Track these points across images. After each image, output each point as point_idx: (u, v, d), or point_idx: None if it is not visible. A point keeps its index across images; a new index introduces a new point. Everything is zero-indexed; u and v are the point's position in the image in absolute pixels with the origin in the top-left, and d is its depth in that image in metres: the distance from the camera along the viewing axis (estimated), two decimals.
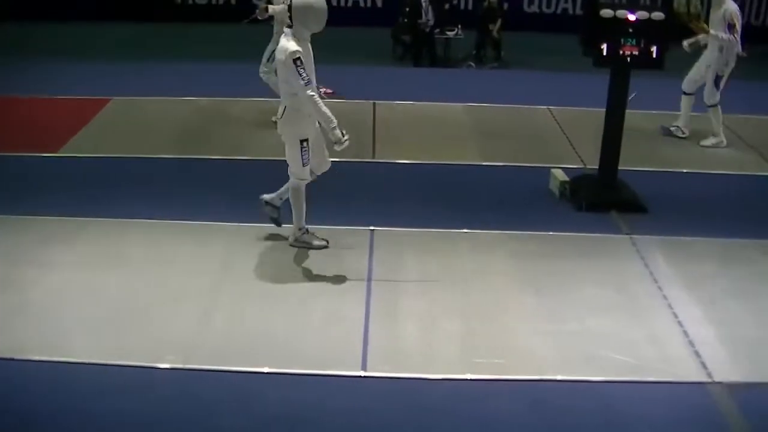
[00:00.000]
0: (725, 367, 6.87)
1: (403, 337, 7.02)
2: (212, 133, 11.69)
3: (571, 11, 20.43)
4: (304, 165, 8.05)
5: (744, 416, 6.31)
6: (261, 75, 11.79)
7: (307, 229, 8.42)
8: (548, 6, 20.53)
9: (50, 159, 10.45)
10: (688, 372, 6.80)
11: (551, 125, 12.57)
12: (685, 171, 11.13)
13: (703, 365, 6.88)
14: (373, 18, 19.52)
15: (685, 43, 11.84)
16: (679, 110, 12.17)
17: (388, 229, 8.71)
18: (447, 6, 18.40)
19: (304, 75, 7.63)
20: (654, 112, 13.02)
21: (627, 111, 9.71)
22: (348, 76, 14.44)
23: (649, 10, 9.23)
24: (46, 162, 10.37)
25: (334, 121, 7.80)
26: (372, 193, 9.69)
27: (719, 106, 11.77)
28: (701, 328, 7.39)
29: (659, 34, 9.31)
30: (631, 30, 9.18)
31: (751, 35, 15.86)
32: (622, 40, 9.21)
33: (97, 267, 7.83)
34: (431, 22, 16.94)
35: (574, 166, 10.74)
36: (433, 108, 12.91)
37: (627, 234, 9.06)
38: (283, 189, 8.40)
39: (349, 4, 20.25)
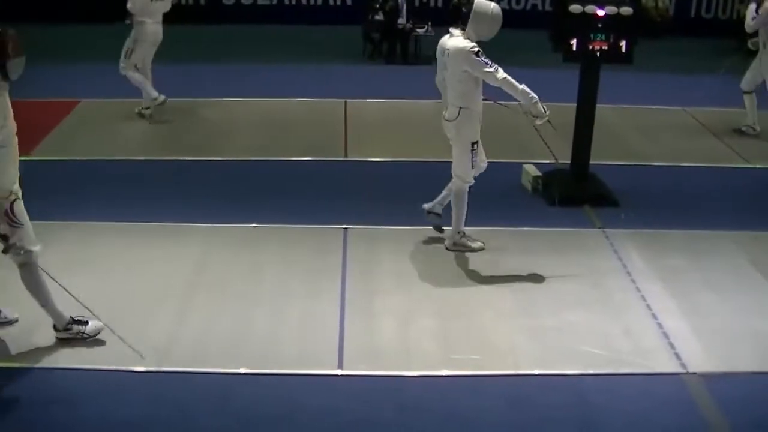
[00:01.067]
0: (699, 357, 6.92)
1: (380, 334, 7.02)
2: (181, 134, 11.65)
3: (540, 7, 20.48)
4: (472, 167, 8.23)
5: (718, 405, 6.36)
6: (121, 71, 11.82)
7: (464, 233, 8.42)
8: (517, 2, 20.55)
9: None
10: (663, 363, 6.85)
11: (522, 120, 12.52)
12: (656, 164, 11.20)
13: (678, 356, 6.92)
14: (344, 16, 19.50)
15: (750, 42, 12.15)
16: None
17: (362, 227, 8.71)
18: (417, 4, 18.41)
19: (489, 62, 7.97)
20: (624, 106, 13.10)
21: (597, 105, 9.76)
22: (318, 74, 14.46)
23: (618, 5, 9.28)
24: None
25: (535, 96, 8.08)
26: (345, 192, 9.68)
27: None
28: (675, 320, 7.44)
29: (628, 29, 9.37)
30: (600, 25, 9.24)
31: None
32: (592, 36, 9.27)
33: (69, 270, 7.77)
34: (403, 20, 16.91)
35: (546, 161, 10.73)
36: (406, 105, 12.92)
37: (600, 228, 9.11)
38: (444, 194, 8.50)
39: (319, 2, 20.18)
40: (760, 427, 6.18)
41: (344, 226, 8.69)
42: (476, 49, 7.93)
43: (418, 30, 17.07)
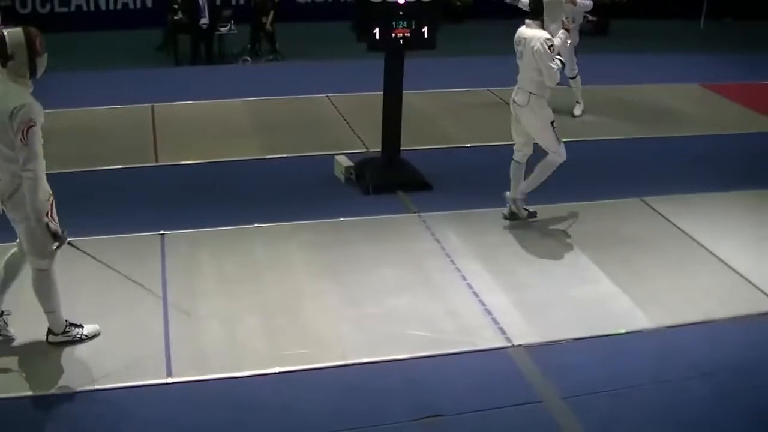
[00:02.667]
0: (522, 330, 7.13)
1: (207, 338, 6.94)
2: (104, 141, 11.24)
3: None
4: (559, 142, 8.71)
5: (544, 374, 6.59)
6: None
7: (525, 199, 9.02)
8: None
9: None
10: (489, 339, 7.02)
11: (331, 113, 12.66)
12: (466, 146, 11.44)
13: (502, 331, 7.11)
14: (145, 19, 19.08)
15: None
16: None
17: (179, 232, 8.56)
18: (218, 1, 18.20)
19: (556, 59, 8.37)
20: (431, 91, 13.33)
21: (404, 92, 9.88)
22: (123, 80, 14.12)
23: None
24: None
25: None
26: (158, 198, 9.50)
27: None
28: (496, 296, 7.63)
29: (429, 15, 9.51)
30: (401, 13, 9.35)
31: None
32: (394, 23, 9.36)
33: None
34: (207, 20, 16.66)
35: (357, 151, 10.85)
36: (213, 106, 12.77)
37: (415, 212, 9.24)
38: (513, 182, 8.98)
39: (119, 6, 19.65)
40: (581, 390, 6.41)
41: (161, 232, 8.53)
42: (551, 42, 8.34)
43: (221, 29, 16.91)
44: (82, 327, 6.90)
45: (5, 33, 6.19)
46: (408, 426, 6.02)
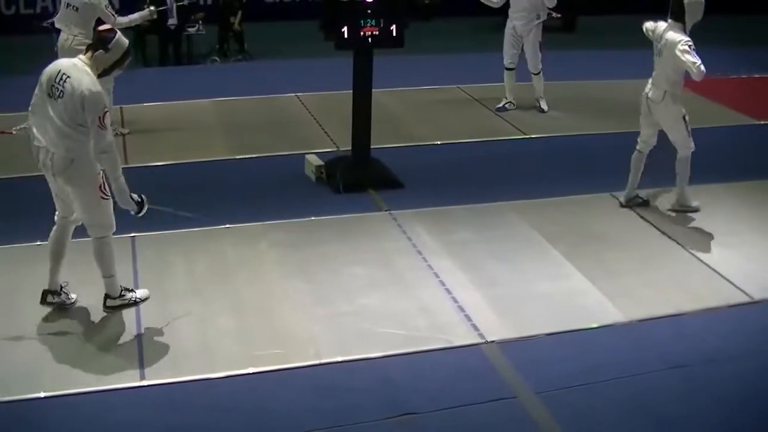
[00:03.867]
0: (495, 326, 7.15)
1: (179, 340, 6.90)
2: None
3: None
4: (689, 135, 9.07)
5: (517, 369, 6.61)
6: None
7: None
8: None
9: None
10: (462, 336, 7.03)
11: (301, 112, 12.64)
12: (436, 143, 11.46)
13: (475, 327, 7.12)
14: None
15: None
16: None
17: (149, 234, 8.51)
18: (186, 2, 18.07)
19: (696, 55, 8.74)
20: (400, 89, 13.34)
21: (374, 90, 9.88)
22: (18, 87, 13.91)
23: None
24: None
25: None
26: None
27: None
28: (468, 292, 7.64)
29: (397, 13, 9.51)
30: (369, 11, 9.34)
31: None
32: (362, 22, 9.35)
33: None
34: (175, 21, 16.56)
35: (328, 150, 10.85)
36: (182, 107, 12.72)
37: (386, 210, 9.24)
38: (631, 179, 9.41)
39: None
40: (555, 385, 6.44)
41: (131, 234, 8.48)
42: (691, 42, 8.79)
43: (189, 29, 16.84)
44: (135, 291, 7.38)
45: (118, 33, 6.88)
46: (382, 424, 6.02)
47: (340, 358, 6.70)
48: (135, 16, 11.39)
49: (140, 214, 7.07)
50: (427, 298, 7.57)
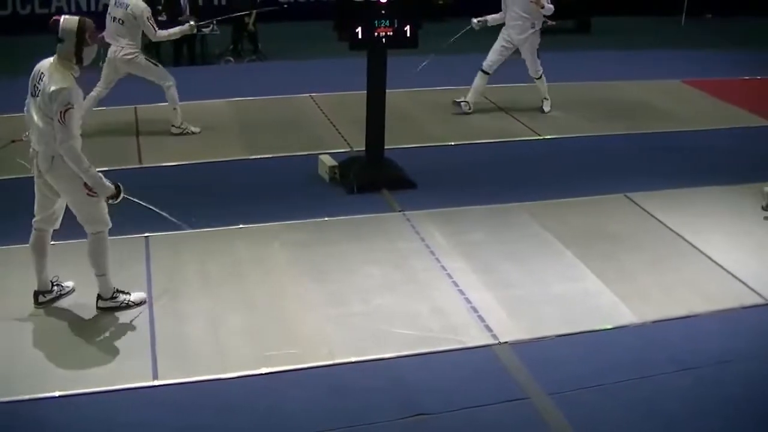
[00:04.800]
0: (508, 327, 7.15)
1: (192, 340, 6.92)
2: None
3: None
4: None
5: (529, 370, 6.61)
6: None
7: None
8: None
9: None
10: (475, 337, 7.03)
11: (315, 112, 12.66)
12: (450, 144, 11.47)
13: (488, 328, 7.13)
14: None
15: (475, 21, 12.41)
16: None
17: (163, 234, 8.53)
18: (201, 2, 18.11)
19: None
20: (414, 89, 13.34)
21: (388, 91, 9.89)
22: None
23: None
24: None
25: None
26: (142, 200, 9.45)
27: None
28: (481, 293, 7.64)
29: (411, 13, 9.52)
30: (383, 11, 9.35)
31: None
32: (376, 22, 9.37)
33: None
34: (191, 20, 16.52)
35: (342, 150, 10.87)
36: (197, 107, 12.73)
37: (400, 211, 9.25)
38: None
39: (100, 7, 19.36)
40: (567, 386, 6.44)
41: (145, 235, 8.51)
42: None
43: (203, 29, 16.84)
44: (130, 294, 7.34)
45: (62, 18, 6.71)
46: (395, 425, 6.03)
47: (353, 359, 6.71)
48: (175, 30, 11.54)
49: (116, 201, 7.05)
50: (440, 298, 7.57)
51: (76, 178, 6.80)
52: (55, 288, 7.39)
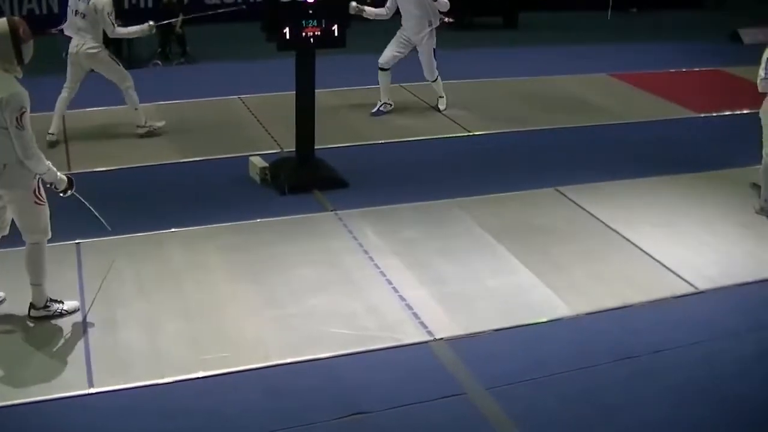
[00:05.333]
0: (443, 324, 7.18)
1: (128, 346, 6.84)
2: None
3: None
4: None
5: (466, 366, 6.65)
6: None
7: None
8: None
9: None
10: (411, 334, 7.05)
11: (244, 114, 12.60)
12: (380, 142, 11.48)
13: (423, 325, 7.15)
14: (52, 23, 18.63)
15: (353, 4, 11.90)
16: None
17: (94, 240, 8.43)
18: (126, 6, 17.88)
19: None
20: (342, 89, 13.34)
21: (317, 90, 9.88)
22: (29, 87, 13.83)
23: None
24: None
25: None
26: (72, 206, 9.33)
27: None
28: (416, 290, 7.67)
29: (339, 13, 9.54)
30: (311, 11, 9.34)
31: None
32: (304, 23, 9.35)
33: None
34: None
35: (272, 151, 10.83)
36: (124, 111, 12.57)
37: (332, 210, 9.24)
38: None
39: (23, 11, 19.13)
40: (504, 380, 6.48)
41: (76, 241, 8.41)
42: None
43: (178, 30, 16.62)
44: (63, 303, 7.22)
45: None
46: (333, 424, 6.02)
47: (289, 360, 6.69)
48: (135, 29, 11.36)
49: (66, 195, 7.09)
50: (374, 297, 7.58)
51: (25, 186, 6.75)
52: None
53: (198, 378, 6.47)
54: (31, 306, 7.14)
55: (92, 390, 6.33)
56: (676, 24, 19.74)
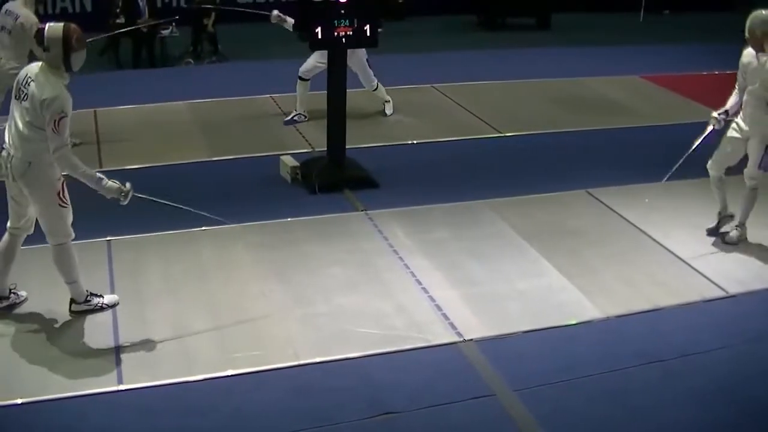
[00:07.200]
0: (472, 324, 7.17)
1: (157, 343, 6.88)
2: None
3: None
4: (759, 167, 8.49)
5: (495, 367, 6.63)
6: None
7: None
8: None
9: None
10: (440, 335, 7.05)
11: (276, 113, 12.62)
12: (411, 142, 11.47)
13: (452, 326, 7.14)
14: (84, 23, 18.74)
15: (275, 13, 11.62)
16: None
17: (125, 237, 8.49)
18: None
19: None
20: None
21: (348, 90, 9.89)
22: None
23: None
24: None
25: None
26: (104, 203, 9.38)
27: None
28: (445, 291, 7.66)
29: (371, 13, 9.52)
30: (343, 11, 9.34)
31: None
32: (336, 22, 9.36)
33: None
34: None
35: (303, 151, 10.84)
36: (157, 109, 12.68)
37: (362, 210, 9.25)
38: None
39: (57, 10, 19.33)
40: (532, 382, 6.47)
41: (107, 238, 8.46)
42: None
43: (163, 31, 16.75)
44: (103, 297, 7.32)
45: (46, 27, 6.66)
46: (362, 424, 6.03)
47: (318, 359, 6.70)
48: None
49: (125, 202, 7.10)
50: (404, 297, 7.58)
51: (49, 186, 6.79)
52: (12, 296, 7.32)
53: (226, 376, 6.49)
54: (72, 301, 7.20)
55: (121, 387, 6.37)
56: (709, 26, 19.60)
